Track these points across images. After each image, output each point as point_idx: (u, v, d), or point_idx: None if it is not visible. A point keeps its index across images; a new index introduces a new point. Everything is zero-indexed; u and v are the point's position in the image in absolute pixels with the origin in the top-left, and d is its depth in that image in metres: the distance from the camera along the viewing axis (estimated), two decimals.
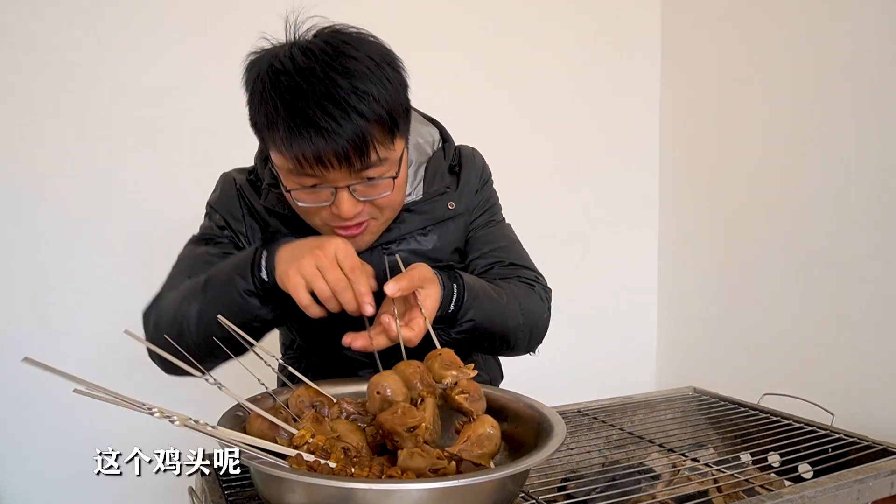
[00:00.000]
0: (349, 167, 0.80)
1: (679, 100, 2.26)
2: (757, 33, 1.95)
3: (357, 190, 0.84)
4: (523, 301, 0.96)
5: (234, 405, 0.73)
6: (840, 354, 1.71)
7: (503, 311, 0.91)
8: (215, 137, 1.74)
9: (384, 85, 0.82)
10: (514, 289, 0.98)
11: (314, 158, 0.79)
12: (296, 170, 0.82)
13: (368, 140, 0.80)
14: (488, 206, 1.06)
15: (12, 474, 1.65)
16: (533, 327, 0.97)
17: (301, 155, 0.79)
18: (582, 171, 2.25)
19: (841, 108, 1.70)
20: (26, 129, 1.61)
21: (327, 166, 0.80)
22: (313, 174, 0.81)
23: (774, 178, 1.90)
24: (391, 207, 0.90)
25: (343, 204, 0.83)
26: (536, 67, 2.14)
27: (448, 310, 0.85)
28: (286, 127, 0.79)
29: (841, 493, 0.78)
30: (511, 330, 0.93)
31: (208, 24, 1.73)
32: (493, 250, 1.03)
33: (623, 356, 2.33)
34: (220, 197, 1.02)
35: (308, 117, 0.78)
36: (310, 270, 0.75)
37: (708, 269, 2.15)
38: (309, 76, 0.79)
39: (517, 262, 1.04)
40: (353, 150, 0.79)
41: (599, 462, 0.95)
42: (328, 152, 0.78)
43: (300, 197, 0.85)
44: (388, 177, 0.85)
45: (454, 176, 1.03)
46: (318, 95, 0.78)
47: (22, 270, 1.63)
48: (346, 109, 0.78)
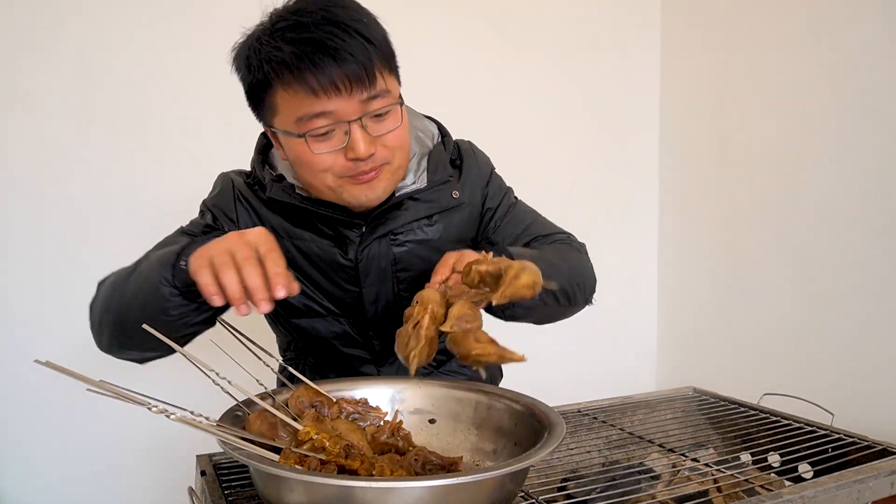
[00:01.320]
0: (359, 90, 0.82)
1: (679, 100, 2.26)
2: (757, 33, 1.95)
3: (368, 126, 0.86)
4: (568, 256, 0.99)
5: (234, 405, 0.73)
6: (840, 354, 1.71)
7: (557, 270, 0.92)
8: (219, 137, 1.75)
9: (372, 19, 0.87)
10: (555, 248, 1.01)
11: (328, 82, 0.81)
12: (306, 112, 0.83)
13: (374, 60, 0.83)
14: (503, 193, 1.09)
15: (12, 474, 1.65)
16: (584, 279, 1.01)
17: (315, 82, 0.80)
18: (581, 171, 2.25)
19: (841, 107, 1.70)
20: (26, 128, 1.61)
21: (339, 90, 0.81)
22: (324, 111, 0.83)
23: (774, 178, 1.90)
24: (401, 148, 0.91)
25: (357, 141, 0.85)
26: (536, 67, 2.14)
27: None
28: (294, 58, 0.80)
29: (841, 493, 0.78)
30: (568, 285, 0.95)
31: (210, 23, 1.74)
32: (523, 231, 1.06)
33: (623, 356, 2.33)
34: (216, 196, 1.03)
35: (314, 41, 0.80)
36: (219, 254, 0.72)
37: (708, 269, 2.15)
38: (305, 12, 0.82)
39: (547, 232, 1.07)
40: (363, 69, 0.81)
41: (599, 462, 0.95)
42: (339, 74, 0.81)
43: (314, 145, 0.85)
44: (395, 103, 0.87)
45: (456, 169, 1.05)
46: (320, 21, 0.81)
47: (22, 270, 1.63)
48: (349, 31, 0.82)
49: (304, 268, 1.00)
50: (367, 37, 0.83)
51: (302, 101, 0.83)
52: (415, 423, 0.83)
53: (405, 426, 0.79)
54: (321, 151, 0.86)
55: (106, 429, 1.67)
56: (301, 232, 0.99)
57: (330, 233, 0.99)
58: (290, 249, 0.99)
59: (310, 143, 0.85)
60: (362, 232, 0.98)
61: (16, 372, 1.62)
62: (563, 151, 2.21)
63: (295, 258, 1.00)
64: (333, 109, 0.83)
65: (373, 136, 0.86)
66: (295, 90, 0.82)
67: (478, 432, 0.81)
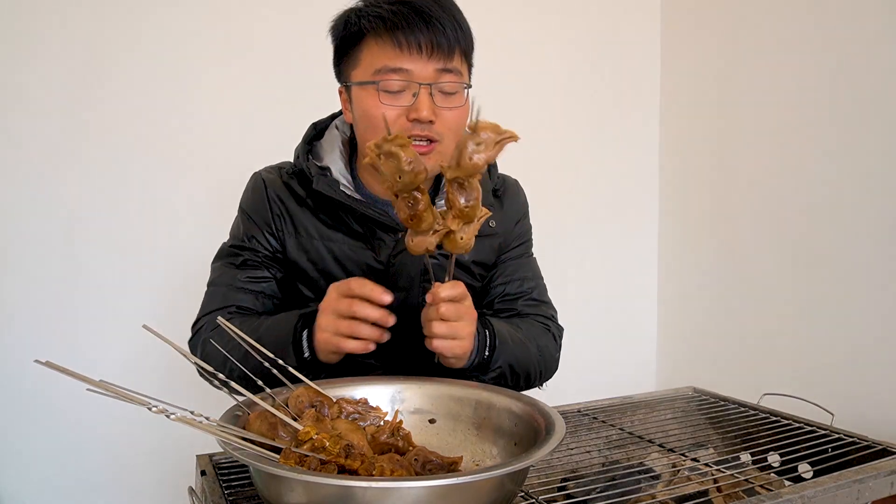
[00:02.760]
0: (438, 57, 0.92)
1: (679, 99, 2.26)
2: (757, 33, 1.95)
3: (435, 96, 0.94)
4: (540, 343, 1.05)
5: (234, 405, 0.73)
6: (840, 354, 1.71)
7: (527, 354, 1.00)
8: (223, 135, 1.75)
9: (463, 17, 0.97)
10: (533, 329, 1.06)
11: (414, 42, 0.91)
12: (385, 66, 0.92)
13: (460, 38, 0.93)
14: (525, 240, 1.15)
15: (12, 474, 1.65)
16: (546, 366, 1.06)
17: (404, 39, 0.90)
18: (582, 171, 2.26)
19: (841, 107, 1.70)
20: (25, 127, 1.61)
21: (420, 50, 0.91)
22: (401, 68, 0.92)
23: (774, 179, 1.90)
24: (455, 131, 0.96)
25: (423, 102, 0.92)
26: (535, 67, 2.14)
27: (483, 356, 0.92)
28: (392, 14, 0.91)
29: (841, 493, 0.78)
30: (531, 370, 1.02)
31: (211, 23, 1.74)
32: (521, 281, 1.11)
33: (623, 356, 2.33)
34: (250, 200, 1.07)
35: (413, 6, 0.91)
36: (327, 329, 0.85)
37: (708, 269, 2.15)
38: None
39: (540, 299, 1.13)
40: (447, 40, 0.92)
41: (599, 462, 0.95)
42: (426, 37, 0.91)
43: (384, 98, 0.93)
44: (465, 85, 0.96)
45: (497, 199, 1.11)
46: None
47: (21, 269, 1.63)
48: (444, 9, 0.93)
49: (331, 270, 1.02)
50: (459, 21, 0.94)
51: (386, 53, 0.91)
52: (415, 423, 0.83)
53: (405, 426, 0.79)
54: (388, 103, 0.93)
55: (106, 429, 1.67)
56: (333, 233, 1.02)
57: (364, 233, 1.01)
58: (321, 250, 1.02)
59: (381, 94, 0.93)
60: (398, 237, 1.00)
61: (16, 372, 1.62)
62: (563, 151, 2.21)
63: (324, 259, 1.02)
64: (410, 69, 0.91)
65: (437, 105, 0.93)
66: (383, 42, 0.91)
67: (478, 432, 0.81)
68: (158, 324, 0.71)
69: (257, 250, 1.04)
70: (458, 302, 0.86)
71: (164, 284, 1.73)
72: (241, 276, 1.02)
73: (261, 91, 1.78)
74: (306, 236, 1.02)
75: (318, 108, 1.15)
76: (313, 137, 1.07)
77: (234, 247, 1.06)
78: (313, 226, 1.02)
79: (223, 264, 1.06)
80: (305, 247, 1.03)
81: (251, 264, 1.03)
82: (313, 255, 1.02)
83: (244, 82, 1.77)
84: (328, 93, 1.12)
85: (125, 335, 1.66)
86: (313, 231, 1.02)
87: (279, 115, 1.71)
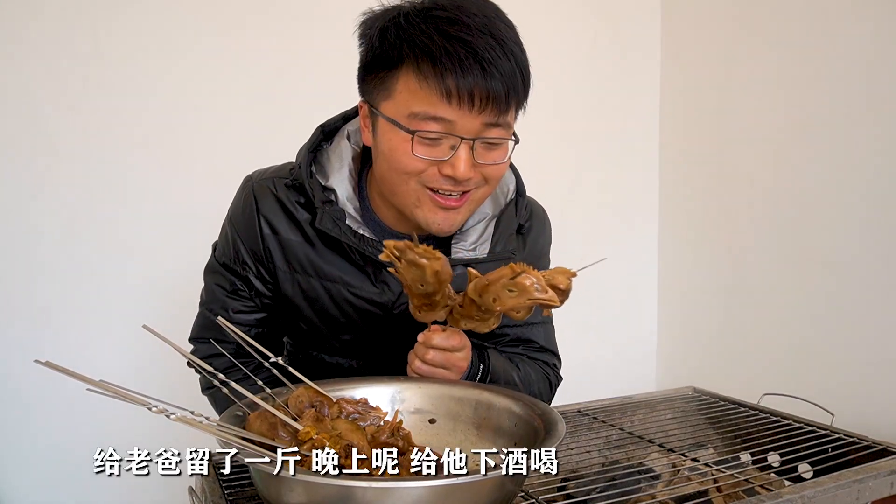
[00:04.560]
0: (488, 111, 0.77)
1: (679, 99, 2.26)
2: (756, 32, 1.95)
3: (476, 150, 0.80)
4: (533, 389, 1.00)
5: (234, 405, 0.73)
6: (840, 354, 1.71)
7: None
8: (224, 134, 1.75)
9: (523, 49, 0.81)
10: (532, 374, 1.00)
11: (466, 91, 0.75)
12: (425, 111, 0.77)
13: (518, 87, 0.78)
14: None
15: (12, 474, 1.65)
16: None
17: (454, 85, 0.75)
18: (581, 171, 2.25)
19: (840, 107, 1.70)
20: (26, 125, 1.61)
21: (472, 103, 0.76)
22: (444, 118, 0.77)
23: (774, 178, 1.90)
24: (496, 179, 0.86)
25: (461, 160, 0.79)
26: (535, 68, 2.13)
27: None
28: (444, 52, 0.74)
29: (841, 493, 0.78)
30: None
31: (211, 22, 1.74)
32: (526, 325, 1.03)
33: (623, 356, 2.33)
34: (240, 217, 0.96)
35: (471, 46, 0.74)
36: None
37: (708, 269, 2.15)
38: (468, 12, 0.76)
39: (546, 347, 1.06)
40: (505, 91, 0.76)
41: (599, 462, 0.95)
42: (481, 88, 0.75)
43: (418, 149, 0.79)
44: (511, 139, 0.82)
45: (521, 237, 1.01)
46: (480, 28, 0.76)
47: (21, 269, 1.63)
48: (506, 48, 0.76)
49: (329, 311, 0.94)
50: (520, 63, 0.79)
51: (428, 97, 0.77)
52: (415, 422, 0.83)
53: (405, 426, 0.79)
54: (421, 156, 0.80)
55: (106, 429, 1.67)
56: (331, 271, 0.92)
57: (367, 270, 0.92)
58: (318, 290, 0.93)
59: (415, 143, 0.79)
60: None
61: (16, 372, 1.62)
62: (563, 151, 2.21)
63: (321, 299, 0.93)
64: (454, 120, 0.77)
65: (476, 161, 0.81)
66: (428, 84, 0.76)
67: (478, 432, 0.81)
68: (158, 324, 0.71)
69: (248, 278, 0.95)
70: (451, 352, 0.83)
71: (164, 284, 1.73)
72: (232, 306, 0.96)
73: (263, 89, 1.77)
74: (301, 273, 0.92)
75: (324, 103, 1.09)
76: (317, 145, 0.95)
77: (225, 266, 0.97)
78: (308, 261, 0.92)
79: (215, 285, 0.98)
80: (301, 284, 0.93)
81: (242, 294, 0.96)
82: (310, 294, 0.93)
83: (246, 81, 1.76)
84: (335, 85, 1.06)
85: (125, 335, 1.66)
86: (309, 267, 0.92)
87: (284, 112, 1.71)
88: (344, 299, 0.93)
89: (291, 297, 0.95)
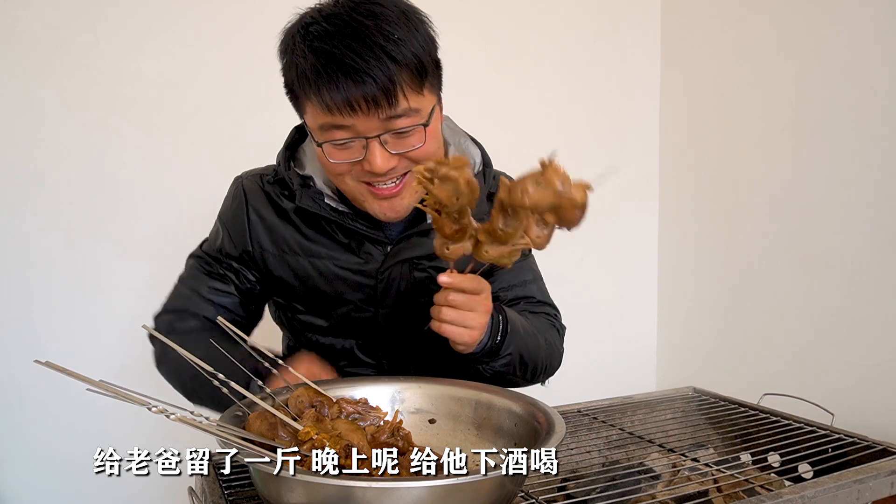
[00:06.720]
0: (378, 111, 0.79)
1: (679, 99, 2.26)
2: (756, 32, 1.95)
3: (388, 142, 0.83)
4: (548, 336, 1.02)
5: (234, 405, 0.73)
6: (840, 354, 1.71)
7: (536, 345, 0.96)
8: (223, 133, 1.75)
9: (411, 31, 0.82)
10: (540, 323, 1.03)
11: (343, 102, 0.78)
12: (326, 122, 0.82)
13: (396, 82, 0.79)
14: None
15: (12, 474, 1.65)
16: (551, 360, 1.03)
17: (330, 100, 0.78)
18: (581, 171, 2.24)
19: (841, 106, 1.70)
20: (26, 125, 1.61)
21: (356, 110, 0.79)
22: (343, 125, 0.81)
23: (774, 178, 1.90)
24: (426, 159, 0.86)
25: (374, 157, 0.82)
26: (535, 67, 2.14)
27: (496, 341, 0.88)
28: (315, 72, 0.79)
29: (841, 493, 0.78)
30: (539, 362, 0.98)
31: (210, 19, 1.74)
32: (520, 285, 1.07)
33: (623, 356, 2.33)
34: (229, 210, 1.02)
35: (335, 58, 0.78)
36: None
37: (708, 269, 2.15)
38: (335, 20, 0.80)
39: (542, 300, 1.09)
40: (382, 92, 0.78)
41: (599, 462, 0.95)
42: (356, 95, 0.78)
43: (332, 154, 0.84)
44: (419, 124, 0.84)
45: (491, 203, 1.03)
46: (345, 36, 0.78)
47: (21, 269, 1.63)
48: (374, 49, 0.78)
49: (319, 286, 0.98)
50: (395, 56, 0.79)
51: (322, 111, 0.81)
52: (415, 423, 0.83)
53: (405, 426, 0.79)
54: (338, 160, 0.85)
55: (106, 429, 1.67)
56: (318, 248, 0.97)
57: (351, 245, 0.97)
58: (307, 268, 0.97)
59: (327, 151, 0.84)
60: (387, 252, 0.96)
61: (16, 372, 1.62)
62: (562, 151, 2.20)
63: (311, 276, 0.98)
64: (352, 124, 0.81)
65: (392, 152, 0.84)
66: (315, 101, 0.81)
67: (478, 432, 0.81)
68: None
69: (228, 265, 1.01)
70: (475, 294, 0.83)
71: (164, 284, 1.72)
72: (207, 284, 1.00)
73: (263, 91, 1.77)
74: (290, 252, 0.98)
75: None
76: (294, 142, 1.01)
77: (208, 254, 1.03)
78: (296, 241, 0.97)
79: (195, 265, 1.04)
80: (290, 264, 0.98)
81: (217, 276, 1.01)
82: (300, 272, 0.98)
83: (244, 81, 1.76)
84: None
85: (125, 335, 1.66)
86: (296, 247, 0.97)
87: (284, 113, 1.70)
88: (332, 273, 0.97)
89: (284, 278, 0.99)
